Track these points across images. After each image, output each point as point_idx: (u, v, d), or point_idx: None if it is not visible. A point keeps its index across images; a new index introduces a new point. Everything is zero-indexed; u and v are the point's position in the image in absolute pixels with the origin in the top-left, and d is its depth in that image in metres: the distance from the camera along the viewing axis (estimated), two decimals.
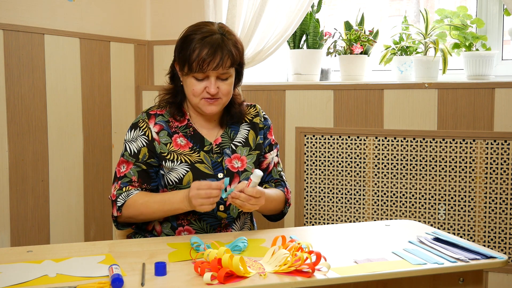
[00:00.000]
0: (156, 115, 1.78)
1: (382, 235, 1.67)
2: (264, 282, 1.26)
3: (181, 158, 1.74)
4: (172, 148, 1.75)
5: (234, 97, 1.82)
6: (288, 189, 1.89)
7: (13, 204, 2.30)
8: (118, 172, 1.76)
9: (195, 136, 1.78)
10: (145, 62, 3.01)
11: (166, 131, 1.76)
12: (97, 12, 2.68)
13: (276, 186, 1.87)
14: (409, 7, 3.04)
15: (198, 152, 1.76)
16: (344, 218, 2.67)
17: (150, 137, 1.75)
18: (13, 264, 1.38)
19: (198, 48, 1.66)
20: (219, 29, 1.72)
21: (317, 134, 2.69)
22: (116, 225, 1.77)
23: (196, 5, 2.89)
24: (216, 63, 1.66)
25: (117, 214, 1.71)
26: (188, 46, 1.69)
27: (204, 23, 1.76)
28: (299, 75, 2.87)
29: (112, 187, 1.76)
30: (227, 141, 1.81)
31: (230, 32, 1.74)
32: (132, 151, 1.75)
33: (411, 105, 2.54)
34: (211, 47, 1.66)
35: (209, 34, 1.69)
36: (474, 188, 2.47)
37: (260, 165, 1.87)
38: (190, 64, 1.67)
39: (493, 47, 2.66)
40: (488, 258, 1.43)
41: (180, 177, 1.72)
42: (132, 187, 1.73)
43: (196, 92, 1.70)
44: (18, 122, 2.31)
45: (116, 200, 1.71)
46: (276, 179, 1.89)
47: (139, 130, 1.76)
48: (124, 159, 1.76)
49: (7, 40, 2.24)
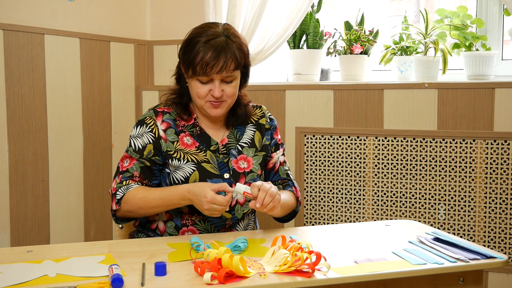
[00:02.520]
0: (164, 113, 1.78)
1: (382, 235, 1.67)
2: (264, 282, 1.26)
3: (187, 157, 1.73)
4: (179, 146, 1.74)
5: (240, 98, 1.81)
6: (296, 187, 1.88)
7: (13, 204, 2.30)
8: (121, 166, 1.75)
9: (201, 136, 1.77)
10: (145, 62, 3.01)
11: (173, 129, 1.76)
12: (97, 12, 2.68)
13: (284, 186, 1.87)
14: (409, 7, 3.04)
15: (205, 151, 1.75)
16: (344, 218, 2.67)
17: (156, 134, 1.74)
18: (13, 264, 1.38)
19: (202, 51, 1.65)
20: (224, 31, 1.70)
21: (317, 134, 2.69)
22: (115, 219, 1.76)
23: (196, 5, 2.89)
24: (220, 67, 1.65)
25: (116, 207, 1.70)
26: (192, 49, 1.67)
27: (209, 24, 1.75)
28: (299, 75, 2.87)
29: (113, 182, 1.75)
30: (233, 141, 1.80)
31: (235, 34, 1.72)
32: (137, 146, 1.74)
33: (411, 105, 2.54)
34: (215, 50, 1.64)
35: (213, 37, 1.67)
36: (474, 188, 2.47)
37: (267, 164, 1.87)
38: (194, 67, 1.66)
39: (493, 47, 2.66)
40: (488, 258, 1.43)
41: (186, 176, 1.72)
42: (132, 181, 1.72)
43: (201, 95, 1.70)
44: (18, 122, 2.31)
45: (115, 194, 1.71)
46: (283, 178, 1.88)
47: (146, 127, 1.75)
48: (128, 155, 1.75)
49: (7, 40, 2.24)
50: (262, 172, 1.84)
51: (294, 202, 1.85)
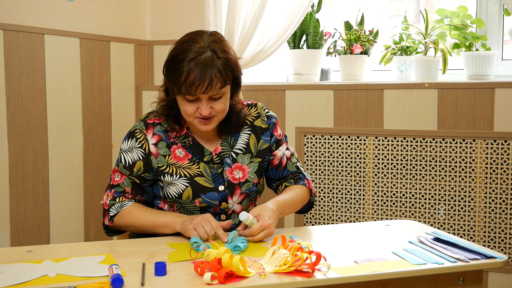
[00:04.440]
0: (154, 124, 1.72)
1: (382, 235, 1.67)
2: (264, 282, 1.26)
3: (180, 172, 1.69)
4: (171, 160, 1.70)
5: (232, 106, 1.73)
6: (308, 179, 1.84)
7: (13, 204, 2.30)
8: (113, 179, 1.73)
9: (194, 146, 1.73)
10: (145, 62, 3.01)
11: (165, 142, 1.71)
12: (97, 12, 2.68)
13: (296, 181, 1.83)
14: (409, 7, 3.04)
15: (198, 163, 1.72)
16: (344, 218, 2.67)
17: (147, 150, 1.70)
18: (13, 264, 1.38)
19: (186, 71, 1.56)
20: (210, 45, 1.60)
21: (317, 134, 2.69)
22: (106, 232, 1.76)
23: (196, 5, 2.89)
24: (205, 87, 1.56)
25: (109, 224, 1.70)
26: (176, 68, 1.59)
27: (194, 37, 1.63)
28: (299, 75, 2.87)
29: (104, 194, 1.73)
30: (227, 149, 1.76)
31: (222, 48, 1.62)
32: (127, 162, 1.71)
33: (411, 105, 2.54)
34: (199, 70, 1.56)
35: (198, 54, 1.57)
36: (474, 188, 2.47)
37: (270, 163, 1.83)
38: (179, 87, 1.58)
39: (493, 47, 2.66)
40: (488, 258, 1.43)
41: (179, 192, 1.69)
42: (126, 198, 1.71)
43: (189, 113, 1.63)
44: (18, 122, 2.31)
45: (108, 210, 1.70)
46: (294, 172, 1.84)
47: (136, 141, 1.71)
48: (118, 169, 1.72)
49: (7, 40, 2.24)
50: (260, 179, 1.80)
51: (307, 195, 1.82)
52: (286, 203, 1.73)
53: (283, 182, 1.85)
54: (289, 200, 1.75)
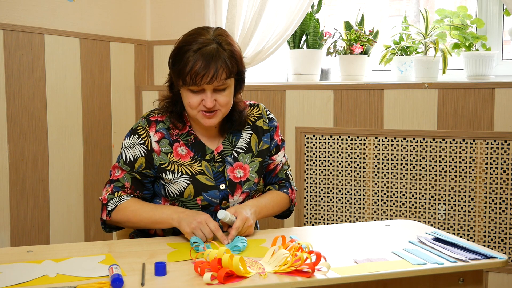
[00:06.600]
0: (157, 122, 1.73)
1: (382, 235, 1.67)
2: (264, 282, 1.26)
3: (181, 170, 1.70)
4: (173, 158, 1.71)
5: (235, 104, 1.74)
6: (292, 189, 1.87)
7: (13, 204, 2.30)
8: (113, 175, 1.73)
9: (196, 145, 1.73)
10: (145, 62, 3.01)
11: (167, 140, 1.71)
12: (97, 12, 2.68)
13: (280, 187, 1.86)
14: (409, 7, 3.04)
15: (199, 161, 1.72)
16: (344, 218, 2.67)
17: (149, 147, 1.70)
18: (13, 264, 1.38)
19: (192, 60, 1.58)
20: (215, 38, 1.63)
21: (317, 134, 2.69)
22: (103, 227, 1.76)
23: (196, 5, 2.89)
24: (210, 77, 1.58)
25: (107, 218, 1.70)
26: (181, 58, 1.61)
27: (199, 31, 1.66)
28: (299, 75, 2.87)
29: (103, 189, 1.74)
30: (229, 148, 1.76)
31: (227, 41, 1.64)
32: (128, 158, 1.71)
33: (411, 105, 2.54)
34: (205, 60, 1.57)
35: (203, 45, 1.60)
36: (474, 188, 2.47)
37: (267, 167, 1.84)
38: (184, 77, 1.60)
39: (493, 47, 2.66)
40: (488, 258, 1.43)
41: (181, 190, 1.69)
42: (124, 193, 1.71)
43: (193, 105, 1.63)
44: (18, 122, 2.31)
45: (107, 204, 1.70)
46: (281, 179, 1.86)
47: (138, 138, 1.71)
48: (118, 165, 1.72)
49: (7, 40, 2.24)
50: (260, 179, 1.80)
51: (286, 203, 1.85)
52: (262, 204, 1.75)
53: (268, 186, 1.87)
54: (265, 201, 1.77)
